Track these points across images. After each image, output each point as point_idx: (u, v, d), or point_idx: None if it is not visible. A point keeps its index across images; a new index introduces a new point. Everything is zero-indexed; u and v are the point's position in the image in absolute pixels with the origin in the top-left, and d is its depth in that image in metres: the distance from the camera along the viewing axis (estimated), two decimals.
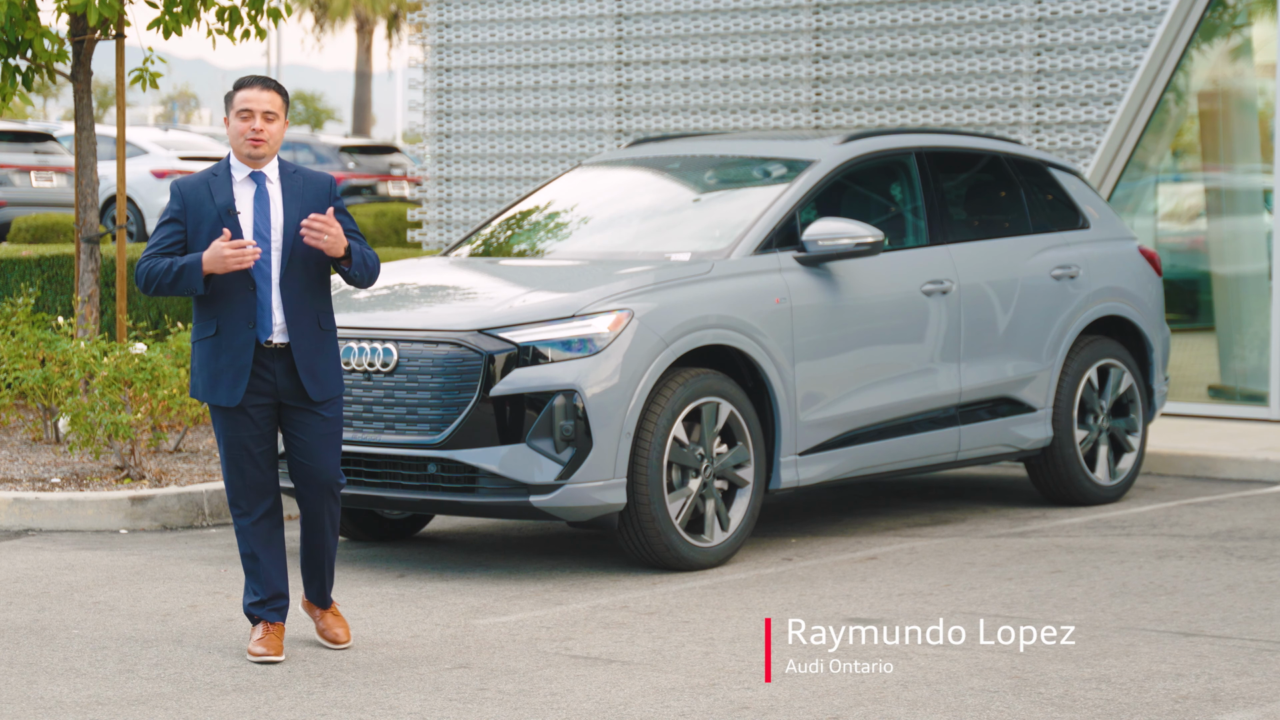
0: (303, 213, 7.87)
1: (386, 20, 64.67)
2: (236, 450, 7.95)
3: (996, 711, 7.14)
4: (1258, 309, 14.89)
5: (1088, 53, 14.94)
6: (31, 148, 26.57)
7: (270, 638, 7.99)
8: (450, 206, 18.07)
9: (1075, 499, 11.70)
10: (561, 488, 9.39)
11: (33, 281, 15.16)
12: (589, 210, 11.44)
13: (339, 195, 8.02)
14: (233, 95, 7.93)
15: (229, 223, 7.83)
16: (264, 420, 7.95)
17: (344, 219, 7.95)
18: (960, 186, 11.82)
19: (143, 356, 11.76)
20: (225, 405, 7.88)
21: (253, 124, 7.85)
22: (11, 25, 12.35)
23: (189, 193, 7.91)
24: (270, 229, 7.88)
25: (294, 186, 7.94)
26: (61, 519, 11.02)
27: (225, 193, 7.88)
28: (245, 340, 7.84)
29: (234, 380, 7.85)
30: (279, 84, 7.98)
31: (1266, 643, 8.18)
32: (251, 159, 7.89)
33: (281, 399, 7.94)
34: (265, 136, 7.85)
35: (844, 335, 10.49)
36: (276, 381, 7.90)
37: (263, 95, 7.89)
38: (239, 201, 7.88)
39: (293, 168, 8.00)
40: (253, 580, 8.05)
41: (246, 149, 7.88)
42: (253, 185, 7.92)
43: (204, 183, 7.91)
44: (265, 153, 7.88)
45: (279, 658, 7.94)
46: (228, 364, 7.85)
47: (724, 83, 16.54)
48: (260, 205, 7.90)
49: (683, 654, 8.03)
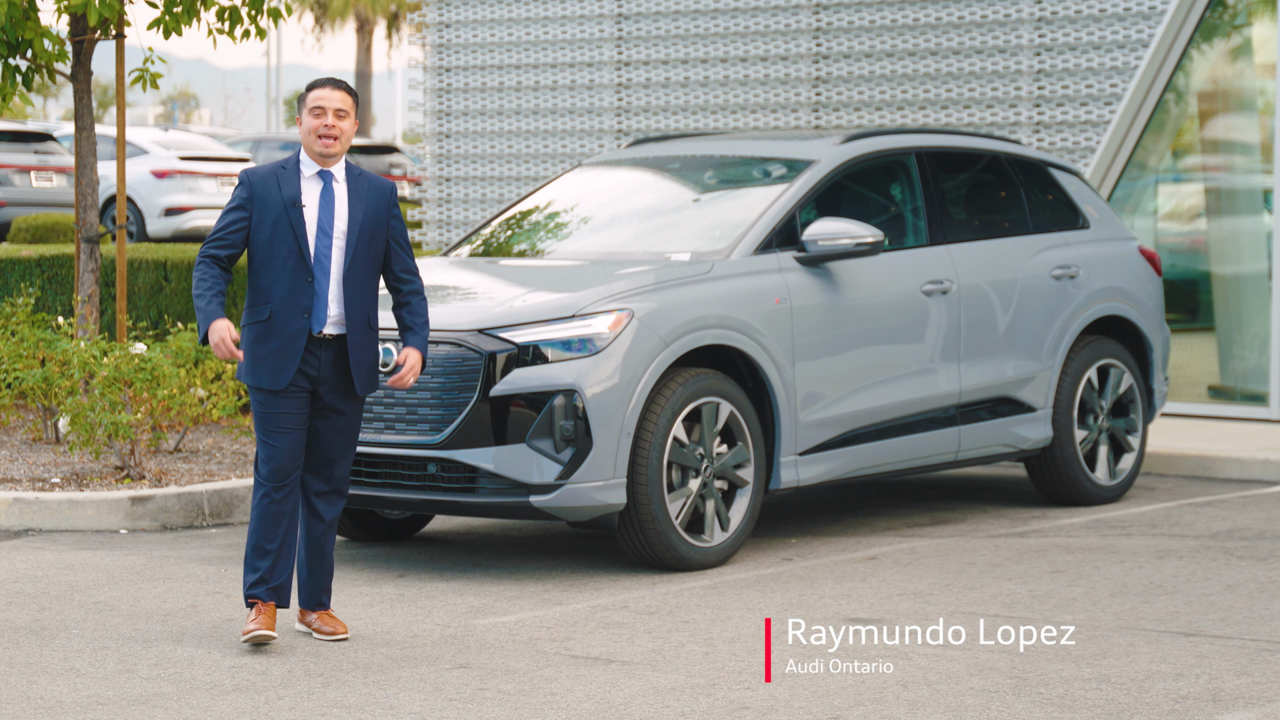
0: (365, 215, 8.19)
1: (386, 20, 64.69)
2: (272, 424, 8.18)
3: (996, 711, 7.14)
4: (1258, 309, 14.89)
5: (1088, 53, 14.95)
6: (31, 148, 26.57)
7: (264, 616, 8.14)
8: (450, 206, 18.07)
9: (1075, 499, 11.70)
10: (561, 488, 9.39)
11: (33, 281, 15.16)
12: (589, 210, 11.44)
13: (397, 203, 8.34)
14: (305, 95, 8.24)
15: (294, 214, 8.13)
16: (301, 401, 8.20)
17: (398, 225, 8.31)
18: (960, 186, 11.82)
19: (143, 356, 11.76)
20: (269, 388, 8.14)
21: (325, 120, 8.16)
22: (11, 25, 12.35)
23: (257, 183, 8.20)
24: (334, 225, 8.16)
25: (359, 188, 8.23)
26: (61, 519, 11.02)
27: (293, 186, 8.17)
28: (299, 328, 8.12)
29: (281, 365, 8.12)
30: (350, 85, 8.30)
31: (1266, 643, 8.18)
32: (323, 156, 8.19)
33: (319, 388, 8.19)
34: (336, 133, 8.17)
35: (844, 335, 10.49)
36: (321, 370, 8.18)
37: (334, 94, 8.20)
38: (305, 196, 8.18)
39: (358, 171, 8.30)
40: (261, 561, 8.19)
41: (318, 146, 8.18)
42: (320, 183, 8.22)
43: (273, 174, 8.21)
44: (336, 150, 8.18)
45: (272, 633, 8.09)
46: (276, 349, 8.12)
47: (724, 83, 16.54)
48: (326, 202, 8.18)
49: (683, 654, 8.04)
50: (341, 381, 8.21)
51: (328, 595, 8.43)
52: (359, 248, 8.17)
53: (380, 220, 8.22)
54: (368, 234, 8.19)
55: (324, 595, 8.40)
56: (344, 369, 8.20)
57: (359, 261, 8.17)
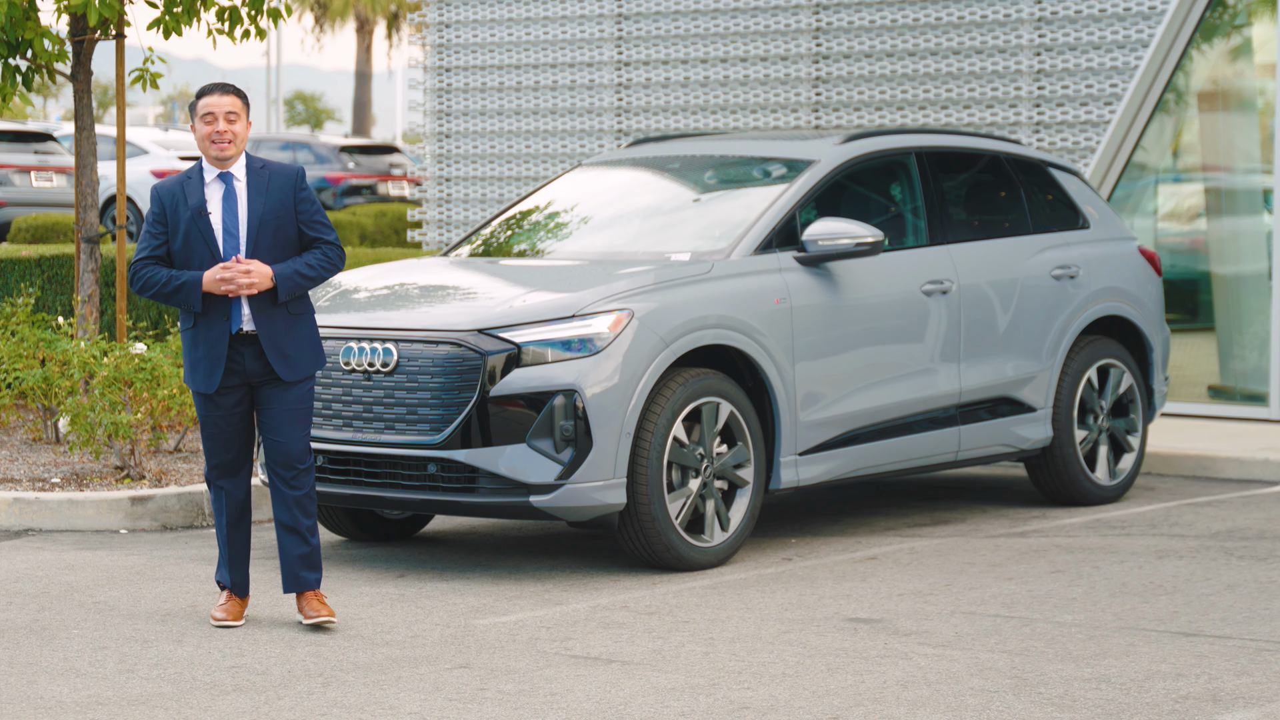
0: (268, 206, 8.39)
1: (386, 20, 64.70)
2: (211, 427, 8.52)
3: (996, 711, 7.14)
4: (1258, 309, 14.89)
5: (1088, 53, 14.95)
6: (31, 148, 26.58)
7: (233, 605, 8.56)
8: (450, 206, 18.07)
9: (1075, 499, 11.70)
10: (561, 488, 9.39)
11: (33, 281, 15.17)
12: (589, 210, 11.44)
13: (305, 185, 8.49)
14: (195, 103, 8.46)
15: (201, 223, 8.35)
16: (236, 402, 8.48)
17: (306, 208, 8.45)
18: (960, 186, 11.82)
19: (143, 356, 11.76)
20: (204, 392, 8.45)
21: (216, 127, 8.38)
22: (11, 25, 12.35)
23: (166, 196, 8.46)
24: (237, 225, 8.38)
25: (259, 182, 8.41)
26: (61, 519, 11.02)
27: (198, 194, 8.42)
28: (220, 331, 8.39)
29: (211, 368, 8.41)
30: (237, 87, 8.50)
31: (1266, 643, 8.18)
32: (219, 160, 8.41)
33: (251, 380, 8.45)
34: (230, 136, 8.37)
35: (844, 335, 10.49)
36: (246, 365, 8.42)
37: (224, 99, 8.41)
38: (210, 202, 8.40)
39: (260, 163, 8.47)
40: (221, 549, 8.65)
41: (214, 150, 8.41)
42: (222, 185, 8.46)
43: (179, 185, 8.45)
44: (231, 153, 8.38)
45: (239, 622, 8.52)
46: (205, 353, 8.42)
47: (724, 83, 16.54)
48: (228, 203, 8.40)
49: (683, 654, 8.04)
50: (267, 373, 8.45)
51: (312, 573, 8.50)
52: (261, 240, 8.35)
53: (285, 206, 8.41)
54: (270, 225, 8.38)
55: (305, 572, 8.49)
56: (266, 362, 8.43)
57: (263, 254, 8.34)
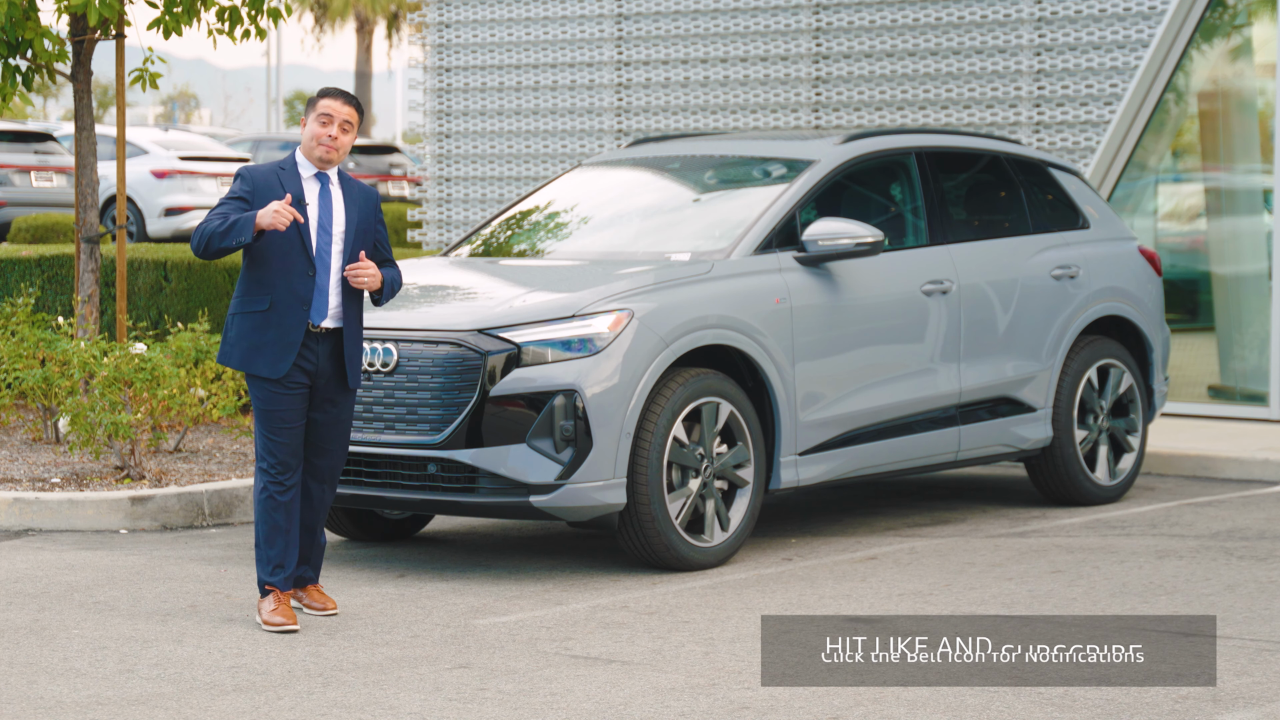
0: (360, 218, 8.55)
1: (386, 20, 64.67)
2: (275, 421, 8.49)
3: (996, 711, 7.14)
4: (1258, 309, 14.89)
5: (1088, 53, 14.94)
6: (31, 148, 26.57)
7: (284, 607, 8.50)
8: (450, 206, 18.07)
9: (1075, 499, 11.70)
10: (561, 488, 9.39)
11: (33, 281, 15.16)
12: (589, 210, 11.44)
13: (381, 211, 8.72)
14: (315, 100, 8.54)
15: (298, 210, 8.39)
16: (300, 397, 8.50)
17: (382, 230, 8.68)
18: (960, 186, 11.82)
19: (143, 356, 11.76)
20: (267, 376, 8.42)
21: (330, 130, 8.48)
22: (11, 25, 12.34)
23: (259, 179, 8.51)
24: (333, 223, 8.51)
25: (353, 193, 8.61)
26: (61, 519, 11.02)
27: (295, 185, 8.50)
28: (297, 319, 8.43)
29: (280, 354, 8.43)
30: (360, 102, 8.63)
31: (1266, 643, 8.18)
32: (322, 161, 8.53)
33: (316, 382, 8.52)
34: (338, 145, 8.48)
35: (844, 335, 10.49)
36: (318, 363, 8.50)
37: (344, 108, 8.52)
38: (306, 195, 8.50)
39: (346, 177, 8.65)
40: (271, 550, 8.53)
41: (319, 152, 8.52)
42: (317, 184, 8.55)
43: (273, 173, 8.54)
44: (334, 159, 8.52)
45: (296, 626, 8.42)
46: (275, 339, 8.43)
47: (724, 83, 16.54)
48: (325, 202, 8.53)
49: (683, 654, 8.04)
50: (336, 375, 8.57)
51: (316, 572, 8.81)
52: (355, 247, 8.53)
53: (369, 224, 8.62)
54: (362, 235, 8.57)
55: (310, 572, 8.78)
56: (339, 362, 8.55)
57: (349, 260, 8.53)
